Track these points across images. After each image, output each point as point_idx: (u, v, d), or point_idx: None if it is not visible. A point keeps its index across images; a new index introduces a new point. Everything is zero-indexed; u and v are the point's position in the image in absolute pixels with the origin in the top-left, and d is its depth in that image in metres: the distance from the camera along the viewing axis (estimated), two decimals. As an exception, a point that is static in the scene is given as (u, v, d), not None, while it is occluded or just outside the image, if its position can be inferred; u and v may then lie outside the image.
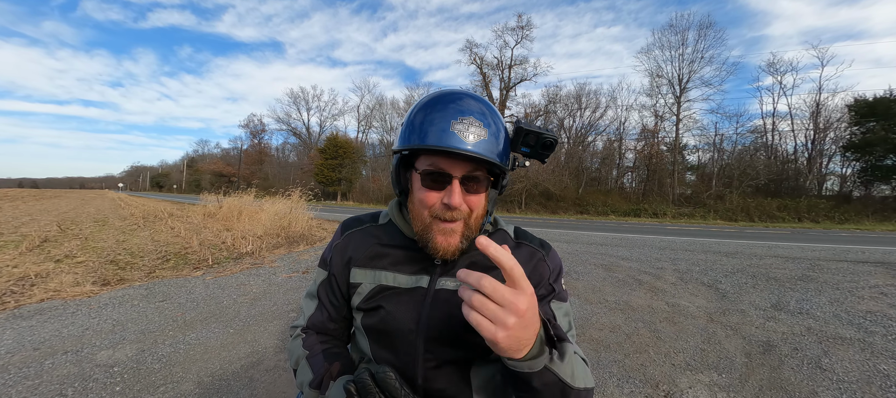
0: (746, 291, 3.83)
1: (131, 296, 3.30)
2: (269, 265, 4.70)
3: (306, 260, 5.14)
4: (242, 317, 2.87)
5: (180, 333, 2.53)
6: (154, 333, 2.54)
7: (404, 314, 0.62)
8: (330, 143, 34.18)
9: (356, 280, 0.66)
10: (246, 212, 8.42)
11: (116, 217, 10.71)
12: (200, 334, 2.52)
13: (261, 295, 3.47)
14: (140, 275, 3.98)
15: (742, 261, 5.54)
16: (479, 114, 0.57)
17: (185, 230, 7.26)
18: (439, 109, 0.56)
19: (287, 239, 6.55)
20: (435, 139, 0.55)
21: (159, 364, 2.10)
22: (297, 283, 3.93)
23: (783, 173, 23.02)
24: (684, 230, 11.91)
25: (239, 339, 2.46)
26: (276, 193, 9.16)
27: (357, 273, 0.67)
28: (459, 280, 0.44)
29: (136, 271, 4.16)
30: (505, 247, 0.42)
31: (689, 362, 2.24)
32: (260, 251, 5.48)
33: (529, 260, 0.68)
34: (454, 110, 0.56)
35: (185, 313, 2.93)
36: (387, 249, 0.67)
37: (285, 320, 2.85)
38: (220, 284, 3.76)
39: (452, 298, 0.62)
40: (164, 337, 2.48)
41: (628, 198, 25.19)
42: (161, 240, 6.24)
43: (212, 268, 4.43)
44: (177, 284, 3.73)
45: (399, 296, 0.63)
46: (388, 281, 0.64)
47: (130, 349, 2.28)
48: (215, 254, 5.12)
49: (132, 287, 3.56)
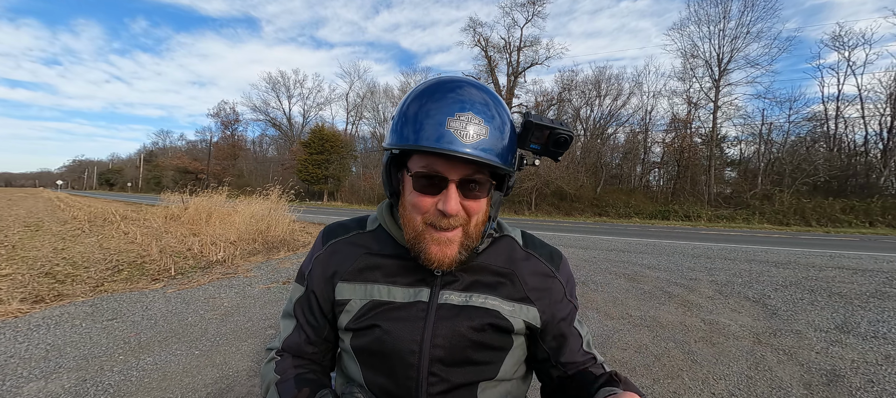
0: (802, 309, 3.74)
1: (72, 314, 3.18)
2: (243, 275, 4.73)
3: (287, 268, 5.17)
4: (210, 336, 2.84)
5: (133, 358, 2.45)
6: (99, 359, 2.44)
7: (404, 333, 0.63)
8: (315, 135, 34.36)
9: (343, 296, 0.67)
10: (217, 214, 8.51)
11: (54, 220, 10.54)
12: (158, 358, 2.46)
13: (233, 309, 3.46)
14: (84, 290, 3.87)
15: (796, 272, 5.44)
16: (480, 107, 0.57)
17: (143, 235, 7.21)
18: (435, 100, 0.57)
19: (265, 244, 6.64)
20: (429, 138, 0.55)
21: (105, 396, 2.00)
22: (276, 295, 3.92)
23: (849, 168, 21.81)
24: (722, 235, 11.86)
25: (206, 362, 2.42)
26: (253, 193, 9.27)
27: (344, 288, 0.67)
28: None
29: (79, 285, 4.05)
30: None
31: (734, 392, 2.18)
32: (233, 259, 5.53)
33: (537, 276, 0.70)
34: (452, 103, 0.56)
35: (139, 333, 2.87)
36: (378, 259, 0.68)
37: (261, 338, 2.83)
38: (185, 298, 3.73)
39: (459, 314, 0.64)
40: (112, 362, 2.39)
41: (655, 198, 25.21)
42: (112, 248, 6.16)
43: (174, 280, 4.41)
44: (131, 299, 3.66)
45: (396, 312, 0.64)
46: (382, 295, 0.65)
47: (68, 379, 2.15)
48: (179, 263, 5.10)
49: (73, 304, 3.44)
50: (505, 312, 0.64)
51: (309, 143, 33.95)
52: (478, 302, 0.64)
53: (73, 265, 4.93)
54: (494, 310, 0.64)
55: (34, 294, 3.62)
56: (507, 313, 0.65)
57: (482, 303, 0.64)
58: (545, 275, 0.70)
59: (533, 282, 0.68)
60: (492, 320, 0.63)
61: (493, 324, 0.63)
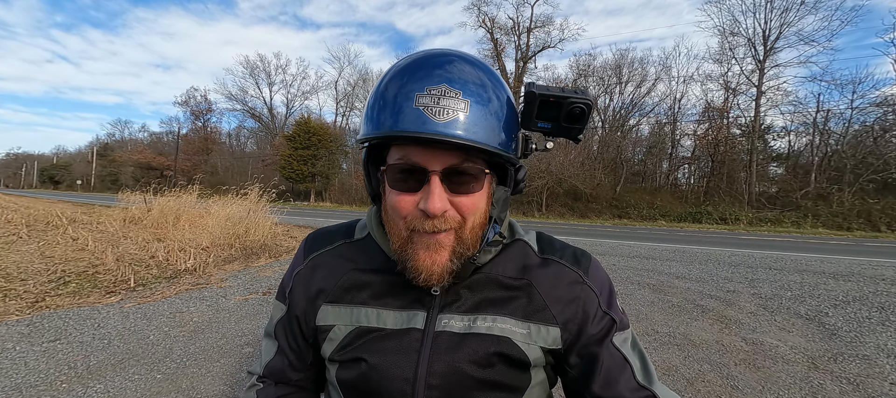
0: (870, 329, 3.65)
1: (2, 336, 3.14)
2: (217, 285, 4.79)
3: (268, 277, 5.24)
4: (176, 357, 2.86)
5: (79, 385, 2.42)
6: (36, 388, 2.39)
7: (393, 369, 0.59)
8: (300, 128, 34.60)
9: (326, 321, 0.65)
10: (186, 216, 8.58)
11: None
12: (111, 384, 2.44)
13: (204, 325, 3.50)
14: (19, 307, 3.83)
15: (861, 286, 5.28)
16: (458, 80, 0.52)
17: (96, 241, 7.17)
18: (408, 76, 0.53)
19: (243, 251, 6.76)
20: (392, 120, 0.52)
21: None
22: (254, 308, 3.97)
23: None
24: (766, 241, 11.81)
25: (169, 387, 2.43)
26: (229, 192, 9.33)
27: (328, 311, 0.65)
28: None
29: (13, 301, 4.01)
30: None
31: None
32: (205, 267, 5.58)
33: (560, 284, 0.64)
34: (424, 76, 0.52)
35: (88, 356, 2.84)
36: (366, 276, 0.66)
37: (237, 358, 2.85)
38: (146, 313, 3.75)
39: (460, 344, 0.59)
40: (52, 392, 2.35)
41: (684, 198, 25.24)
42: (56, 257, 6.10)
43: (134, 292, 4.43)
44: (79, 316, 3.63)
45: (385, 341, 0.61)
46: (370, 321, 0.62)
47: None
48: (140, 273, 5.13)
49: (5, 323, 3.41)
50: (518, 338, 0.59)
51: (293, 137, 34.22)
52: (483, 326, 0.59)
53: (6, 277, 4.84)
54: (505, 337, 0.59)
55: None
56: (521, 339, 0.60)
57: (488, 329, 0.59)
58: (571, 283, 0.64)
59: (554, 292, 0.63)
60: (501, 349, 0.58)
61: (503, 355, 0.58)
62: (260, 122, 47.46)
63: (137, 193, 11.73)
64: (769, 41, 23.69)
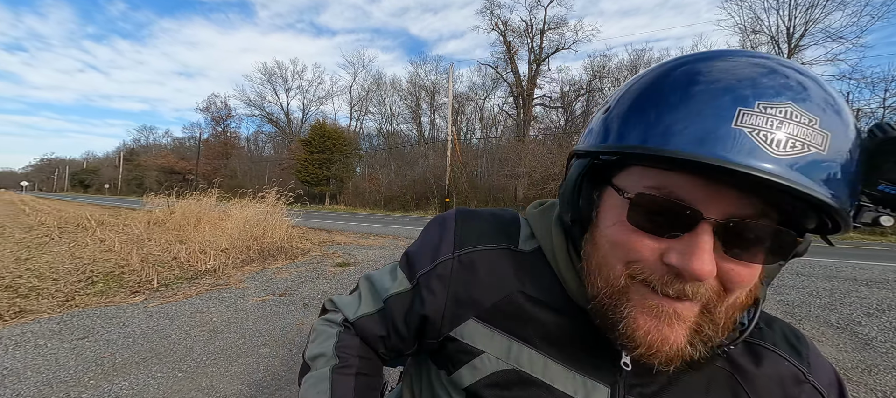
0: None
1: (35, 333, 3.25)
2: (235, 286, 4.84)
3: (284, 278, 5.24)
4: (197, 356, 2.90)
5: (105, 382, 2.48)
6: (65, 384, 2.46)
7: None
8: (315, 132, 35.02)
9: (473, 342, 0.52)
10: (206, 218, 8.70)
11: (17, 226, 10.82)
12: (135, 381, 2.50)
13: (223, 325, 3.54)
14: (51, 305, 3.94)
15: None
16: (800, 96, 0.35)
17: (122, 243, 7.36)
18: (703, 83, 0.37)
19: (260, 252, 6.80)
20: (695, 139, 0.35)
21: None
22: (271, 309, 3.98)
23: None
24: None
25: (190, 386, 2.48)
26: (247, 195, 9.42)
27: (477, 331, 0.52)
28: None
29: (46, 299, 4.14)
30: None
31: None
32: (224, 268, 5.65)
33: (775, 381, 0.49)
34: (747, 88, 0.36)
35: (114, 353, 2.90)
36: (536, 309, 0.52)
37: (254, 358, 2.88)
38: (168, 313, 3.82)
39: None
40: (80, 388, 2.41)
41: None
42: (85, 257, 6.28)
43: (157, 292, 4.51)
44: (106, 315, 3.73)
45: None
46: (534, 369, 0.49)
47: None
48: (163, 274, 5.24)
49: (38, 321, 3.52)
50: None
51: (309, 141, 34.66)
52: None
53: (39, 277, 5.01)
54: None
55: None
56: None
57: None
58: (792, 380, 0.49)
59: (768, 394, 0.48)
60: None
61: None
62: (277, 127, 48.45)
63: (161, 197, 11.91)
64: (794, 39, 22.90)
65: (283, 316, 3.77)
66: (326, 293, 4.45)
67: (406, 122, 40.64)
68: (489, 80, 34.14)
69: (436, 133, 36.59)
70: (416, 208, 26.69)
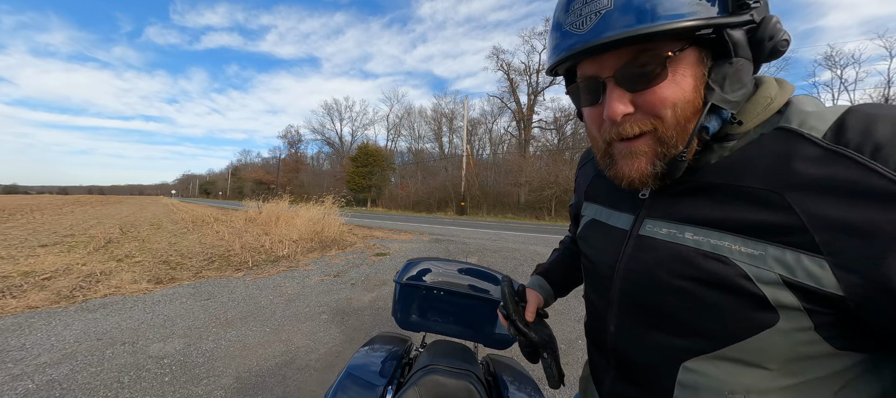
0: None
1: (180, 294, 3.53)
2: (303, 268, 4.84)
3: (337, 264, 5.21)
4: (278, 318, 2.95)
5: (222, 330, 2.66)
6: (199, 329, 2.68)
7: (603, 257, 0.49)
8: (361, 151, 35.23)
9: (584, 212, 0.60)
10: (283, 217, 8.67)
11: (169, 221, 11.62)
12: (240, 332, 2.63)
13: (295, 296, 3.57)
14: (188, 275, 4.24)
15: None
16: None
17: (229, 234, 7.68)
18: (557, 11, 0.41)
19: (320, 243, 6.74)
20: (553, 46, 0.42)
21: (203, 358, 2.23)
22: (328, 287, 3.98)
23: None
24: None
25: (274, 338, 2.53)
26: (311, 200, 9.38)
27: (585, 206, 0.60)
28: None
29: (185, 271, 4.45)
30: None
31: None
32: (295, 255, 5.64)
33: (844, 194, 0.30)
34: (567, 3, 0.40)
35: (226, 311, 3.07)
36: (599, 180, 0.57)
37: (317, 322, 2.90)
38: (259, 285, 3.91)
39: (659, 249, 0.40)
40: (207, 333, 2.61)
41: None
42: (207, 243, 6.65)
43: (251, 270, 4.60)
44: (220, 284, 3.92)
45: (604, 233, 0.51)
46: (601, 216, 0.53)
47: (178, 343, 2.45)
48: (255, 257, 5.34)
49: (181, 286, 3.81)
50: (739, 258, 0.34)
51: (356, 158, 34.82)
52: (689, 239, 0.38)
53: (181, 255, 5.42)
54: (713, 255, 0.35)
55: (156, 277, 4.08)
56: (744, 260, 0.33)
57: (696, 243, 0.37)
58: (866, 196, 0.29)
59: (829, 210, 0.30)
60: (706, 267, 0.35)
61: (707, 278, 0.35)
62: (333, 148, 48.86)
63: (254, 201, 12.16)
64: None
65: (336, 292, 3.76)
66: (369, 277, 4.39)
67: (430, 142, 40.35)
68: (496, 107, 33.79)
69: (454, 150, 36.42)
70: (437, 210, 26.22)
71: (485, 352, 1.20)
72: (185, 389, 1.89)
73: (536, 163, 24.44)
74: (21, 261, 4.59)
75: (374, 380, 0.82)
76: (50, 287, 3.53)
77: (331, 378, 1.97)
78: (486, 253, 6.20)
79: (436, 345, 0.97)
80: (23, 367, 2.05)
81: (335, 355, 2.32)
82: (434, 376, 0.75)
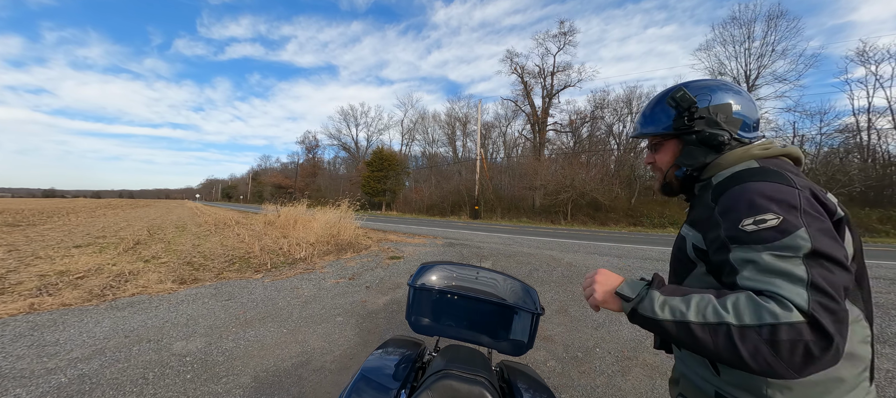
0: None
1: (203, 294, 3.65)
2: (319, 271, 4.92)
3: (352, 267, 5.26)
4: (295, 319, 3.01)
5: (241, 330, 2.73)
6: (220, 329, 2.76)
7: None
8: (376, 156, 35.70)
9: None
10: (300, 221, 8.83)
11: (193, 224, 12.07)
12: (258, 332, 2.69)
13: (311, 298, 3.63)
14: (210, 276, 4.39)
15: None
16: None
17: (249, 237, 7.92)
18: None
19: (336, 246, 6.85)
20: None
21: (223, 357, 2.29)
22: (343, 289, 4.04)
23: (885, 179, 18.93)
24: None
25: (291, 339, 2.58)
26: (327, 204, 9.49)
27: None
28: None
29: (207, 272, 4.61)
30: None
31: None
32: (311, 257, 5.76)
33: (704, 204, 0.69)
34: None
35: (246, 312, 3.15)
36: None
37: (332, 324, 2.95)
38: (277, 287, 3.99)
39: (677, 239, 0.77)
40: (227, 332, 2.69)
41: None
42: (228, 245, 6.86)
43: (270, 272, 4.71)
44: (240, 285, 4.02)
45: None
46: None
47: (200, 341, 2.52)
48: (273, 259, 5.46)
49: (204, 286, 3.95)
50: (687, 236, 0.71)
51: (371, 163, 35.28)
52: (683, 229, 0.74)
53: (204, 257, 5.62)
54: (681, 236, 0.73)
55: (180, 277, 4.25)
56: (688, 237, 0.70)
57: (684, 231, 0.73)
58: (714, 218, 0.64)
59: (704, 220, 0.67)
60: (679, 244, 0.73)
61: (678, 248, 0.74)
62: (349, 153, 49.71)
63: (272, 205, 12.62)
64: (751, 79, 22.74)
65: (351, 294, 3.79)
66: (383, 280, 4.39)
67: (444, 146, 40.46)
68: (510, 111, 33.52)
69: (467, 154, 36.41)
70: (451, 214, 26.21)
71: (499, 359, 1.19)
72: (205, 387, 1.94)
73: (552, 166, 24.25)
74: (57, 260, 4.87)
75: (388, 383, 0.83)
76: (83, 286, 3.72)
77: (345, 379, 2.02)
78: (500, 257, 6.15)
79: (449, 350, 0.97)
80: (57, 362, 2.16)
81: (349, 357, 2.34)
82: (448, 381, 0.75)
